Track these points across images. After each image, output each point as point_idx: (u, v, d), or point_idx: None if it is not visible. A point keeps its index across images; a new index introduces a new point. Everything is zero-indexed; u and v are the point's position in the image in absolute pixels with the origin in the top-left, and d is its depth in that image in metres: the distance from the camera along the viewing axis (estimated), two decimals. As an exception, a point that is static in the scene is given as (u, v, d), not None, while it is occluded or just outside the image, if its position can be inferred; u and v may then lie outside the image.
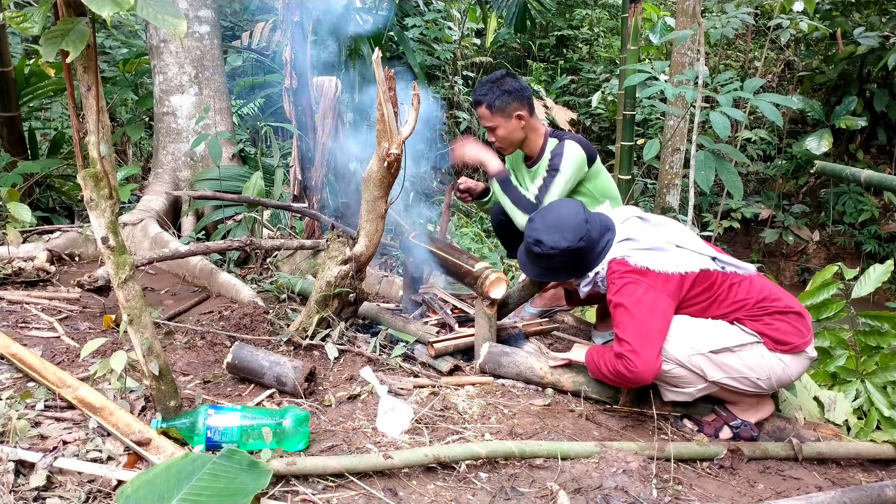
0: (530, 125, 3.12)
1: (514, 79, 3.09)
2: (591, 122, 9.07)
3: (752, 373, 2.25)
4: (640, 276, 2.24)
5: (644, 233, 2.35)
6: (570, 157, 3.03)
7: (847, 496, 1.98)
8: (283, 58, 4.09)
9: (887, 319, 2.78)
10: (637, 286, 2.23)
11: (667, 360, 2.22)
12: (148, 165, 5.61)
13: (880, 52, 6.80)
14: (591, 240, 2.35)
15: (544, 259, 2.41)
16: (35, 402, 2.05)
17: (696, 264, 2.27)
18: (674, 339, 2.23)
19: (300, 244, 3.85)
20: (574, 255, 2.36)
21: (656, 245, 2.30)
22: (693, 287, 2.27)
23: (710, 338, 2.24)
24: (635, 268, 2.25)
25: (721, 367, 2.24)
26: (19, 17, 1.62)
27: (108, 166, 1.75)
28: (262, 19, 7.64)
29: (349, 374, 2.48)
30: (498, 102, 3.03)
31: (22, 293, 3.22)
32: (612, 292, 2.28)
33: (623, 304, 2.22)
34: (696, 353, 2.22)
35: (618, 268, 2.29)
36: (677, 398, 2.34)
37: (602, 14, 10.22)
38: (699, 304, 2.30)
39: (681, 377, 2.26)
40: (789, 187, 7.87)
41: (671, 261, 2.26)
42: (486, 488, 1.88)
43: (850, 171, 3.29)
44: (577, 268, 2.41)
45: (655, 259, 2.26)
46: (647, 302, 2.21)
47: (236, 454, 1.69)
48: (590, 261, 2.38)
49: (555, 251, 2.35)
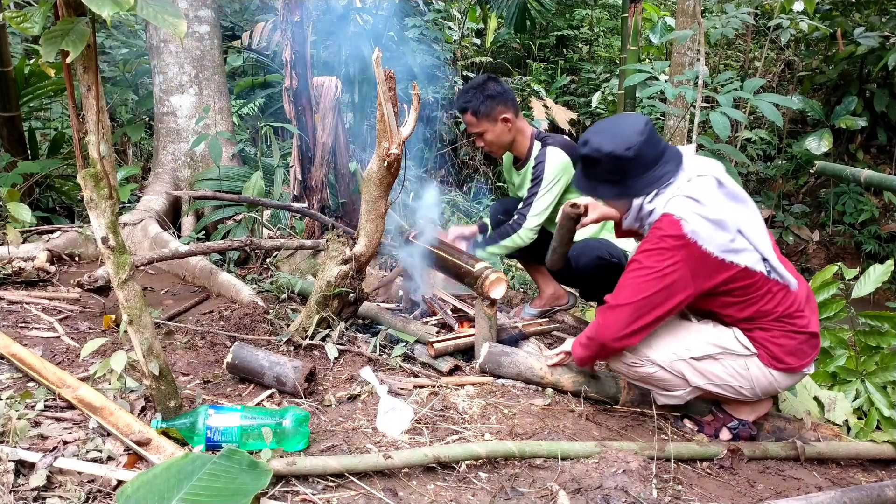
0: (517, 127, 3.14)
1: (496, 82, 3.10)
2: (591, 122, 9.06)
3: (734, 381, 2.23)
4: (681, 248, 2.05)
5: (715, 200, 2.09)
6: (552, 164, 3.05)
7: (847, 496, 1.98)
8: (283, 58, 4.09)
9: (887, 319, 2.78)
10: (672, 258, 2.05)
11: (650, 364, 2.23)
12: (148, 165, 5.61)
13: (880, 52, 6.80)
14: (642, 156, 2.10)
15: (588, 164, 2.19)
16: (35, 402, 2.05)
17: (744, 259, 2.09)
18: (658, 343, 2.22)
19: (300, 244, 3.85)
20: (618, 166, 2.12)
21: (720, 219, 2.06)
22: (728, 282, 2.11)
23: (693, 344, 2.21)
24: (683, 235, 2.04)
25: (703, 373, 2.22)
26: (19, 17, 1.62)
27: (108, 166, 1.75)
28: (262, 19, 7.64)
29: (349, 374, 2.48)
30: (483, 108, 3.05)
31: (22, 293, 3.22)
32: (644, 244, 2.12)
33: (644, 266, 2.09)
34: (678, 359, 2.21)
35: (666, 226, 2.07)
36: (668, 401, 2.34)
37: (602, 14, 10.21)
38: (727, 300, 2.16)
39: (665, 380, 2.26)
40: (789, 187, 7.87)
41: (724, 243, 2.06)
42: (486, 488, 1.88)
43: (850, 171, 3.29)
44: (620, 185, 2.16)
45: (710, 233, 2.05)
46: (667, 281, 2.06)
47: (236, 454, 1.69)
48: (636, 183, 2.14)
49: (598, 155, 2.12)
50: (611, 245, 3.01)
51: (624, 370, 2.33)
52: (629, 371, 2.31)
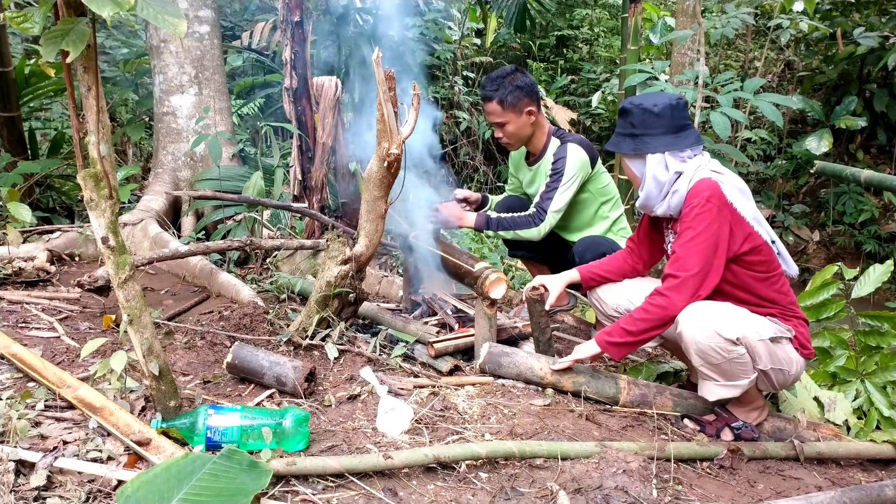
0: (538, 121, 3.11)
1: (524, 74, 3.07)
2: (591, 122, 9.06)
3: (785, 366, 2.27)
4: (724, 206, 2.19)
5: (730, 175, 2.29)
6: (573, 160, 3.03)
7: (847, 496, 1.98)
8: (283, 58, 4.09)
9: (887, 319, 2.78)
10: (720, 216, 2.18)
11: (737, 342, 2.16)
12: (148, 165, 5.61)
13: (880, 52, 6.80)
14: (664, 118, 2.27)
15: (620, 115, 2.35)
16: (35, 402, 2.05)
17: (764, 234, 2.27)
18: (742, 326, 2.18)
19: (300, 244, 3.85)
20: (642, 119, 2.29)
21: (745, 189, 2.27)
22: (753, 252, 2.24)
23: (762, 327, 2.24)
24: (723, 195, 2.19)
25: (772, 356, 2.23)
26: (19, 18, 1.62)
27: (108, 166, 1.75)
28: (262, 19, 7.64)
29: (349, 374, 2.48)
30: (510, 98, 3.00)
31: (22, 293, 3.22)
32: (690, 215, 2.21)
33: (700, 232, 2.17)
34: (758, 339, 2.20)
35: (707, 188, 2.20)
36: (725, 393, 2.26)
37: (602, 14, 10.21)
38: (756, 272, 2.27)
39: (739, 361, 2.18)
40: (789, 187, 7.87)
41: (751, 211, 2.25)
42: (486, 488, 1.88)
43: (850, 171, 3.30)
44: (639, 140, 2.30)
45: (740, 200, 2.23)
46: (720, 238, 2.18)
47: (236, 454, 1.69)
48: (652, 140, 2.29)
49: (630, 106, 2.31)
50: (614, 244, 3.01)
51: (711, 353, 2.18)
52: (714, 355, 2.18)
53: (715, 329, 2.14)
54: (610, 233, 3.21)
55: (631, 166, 2.39)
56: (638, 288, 2.54)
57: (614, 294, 2.58)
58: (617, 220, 3.24)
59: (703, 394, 2.31)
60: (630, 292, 2.55)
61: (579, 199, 3.15)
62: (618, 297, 2.57)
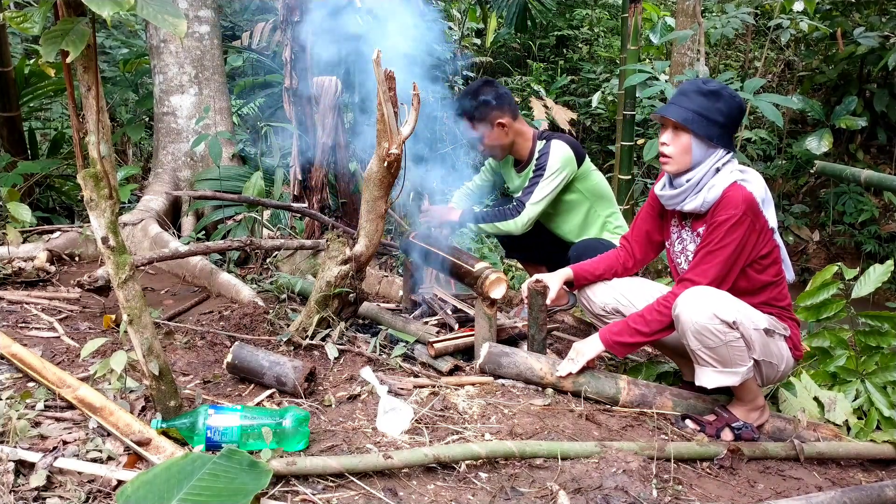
0: (515, 130, 3.12)
1: (491, 86, 3.09)
2: (591, 122, 9.06)
3: (775, 360, 2.33)
4: (756, 219, 2.26)
5: (754, 177, 2.35)
6: (556, 155, 3.03)
7: (847, 496, 1.98)
8: (283, 58, 4.09)
9: (887, 319, 2.78)
10: (751, 228, 2.24)
11: (733, 326, 2.18)
12: (148, 165, 5.61)
13: (880, 52, 6.79)
14: (738, 121, 2.32)
15: (707, 95, 2.29)
16: (35, 402, 2.05)
17: (778, 239, 2.36)
18: (741, 313, 2.22)
19: (300, 244, 3.85)
20: (730, 110, 2.28)
21: (767, 198, 2.33)
22: (768, 257, 2.32)
23: (758, 318, 2.29)
24: (758, 208, 2.26)
25: (764, 347, 2.28)
26: (19, 17, 1.62)
27: (108, 166, 1.75)
28: (262, 19, 7.64)
29: (349, 374, 2.48)
30: (477, 113, 3.05)
31: (22, 293, 3.22)
32: (725, 225, 2.24)
33: (726, 243, 2.23)
34: (754, 328, 2.25)
35: (742, 203, 2.24)
36: (723, 381, 2.25)
37: (602, 14, 10.21)
38: (765, 275, 2.34)
39: (735, 346, 2.20)
40: (789, 187, 7.87)
41: (772, 218, 2.33)
42: (486, 488, 1.88)
43: (850, 171, 3.30)
44: (720, 128, 2.28)
45: (768, 207, 2.31)
46: (748, 247, 2.26)
47: (236, 454, 1.69)
48: (725, 136, 2.30)
49: (725, 92, 2.29)
50: (611, 245, 3.01)
51: (708, 335, 2.20)
52: (712, 337, 2.19)
53: (713, 310, 2.18)
54: (606, 231, 3.21)
55: (694, 148, 2.30)
56: (627, 288, 2.59)
57: (602, 293, 2.62)
58: (612, 218, 3.25)
59: (701, 382, 2.30)
60: (618, 292, 2.59)
61: (570, 200, 3.16)
62: (605, 297, 2.61)
